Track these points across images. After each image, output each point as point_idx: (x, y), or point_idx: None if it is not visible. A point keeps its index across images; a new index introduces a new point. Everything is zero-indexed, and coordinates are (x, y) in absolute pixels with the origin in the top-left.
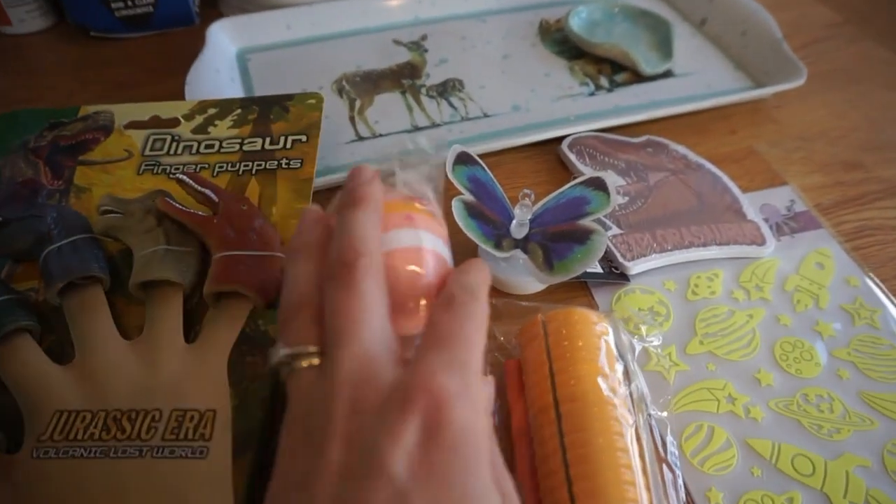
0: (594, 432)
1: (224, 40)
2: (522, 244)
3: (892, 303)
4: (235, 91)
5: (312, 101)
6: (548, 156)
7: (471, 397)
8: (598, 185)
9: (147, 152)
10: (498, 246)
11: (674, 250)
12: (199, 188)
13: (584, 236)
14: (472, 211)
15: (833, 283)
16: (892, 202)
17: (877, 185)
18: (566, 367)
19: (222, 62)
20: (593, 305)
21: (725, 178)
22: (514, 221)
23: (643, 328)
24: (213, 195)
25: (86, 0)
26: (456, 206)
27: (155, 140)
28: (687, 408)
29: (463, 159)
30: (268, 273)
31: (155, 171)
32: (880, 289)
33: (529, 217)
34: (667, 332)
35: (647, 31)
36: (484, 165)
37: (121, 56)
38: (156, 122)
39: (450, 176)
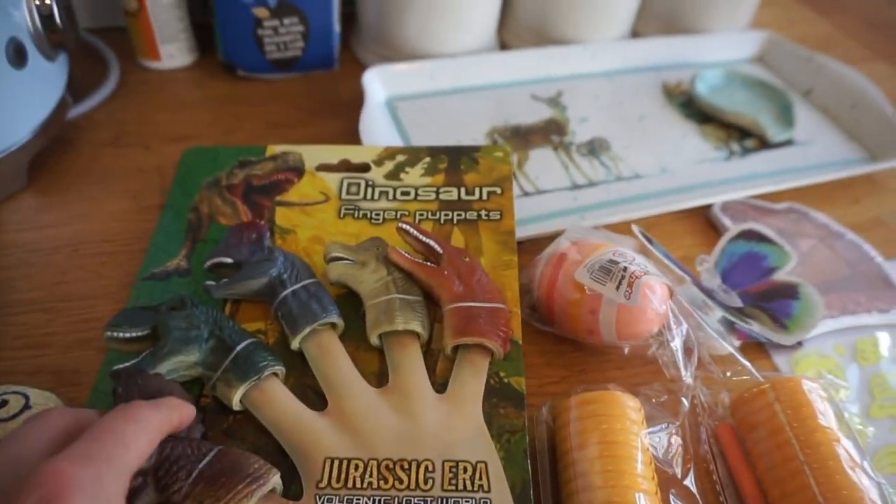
0: (851, 497)
1: (376, 88)
2: (741, 311)
3: None
4: (395, 138)
5: (500, 154)
6: (696, 218)
7: (98, 492)
8: (757, 236)
9: (344, 196)
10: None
11: (840, 316)
12: (424, 239)
13: (791, 291)
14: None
15: None
16: None
17: None
18: (808, 440)
19: (377, 108)
20: (775, 368)
21: (866, 246)
22: (714, 288)
23: (843, 394)
24: (437, 247)
25: (242, 41)
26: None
27: (349, 184)
28: (883, 470)
29: (645, 237)
30: (499, 324)
31: (356, 216)
32: None
33: (720, 282)
34: (848, 396)
35: (766, 99)
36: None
37: (267, 96)
38: (346, 166)
39: (657, 256)
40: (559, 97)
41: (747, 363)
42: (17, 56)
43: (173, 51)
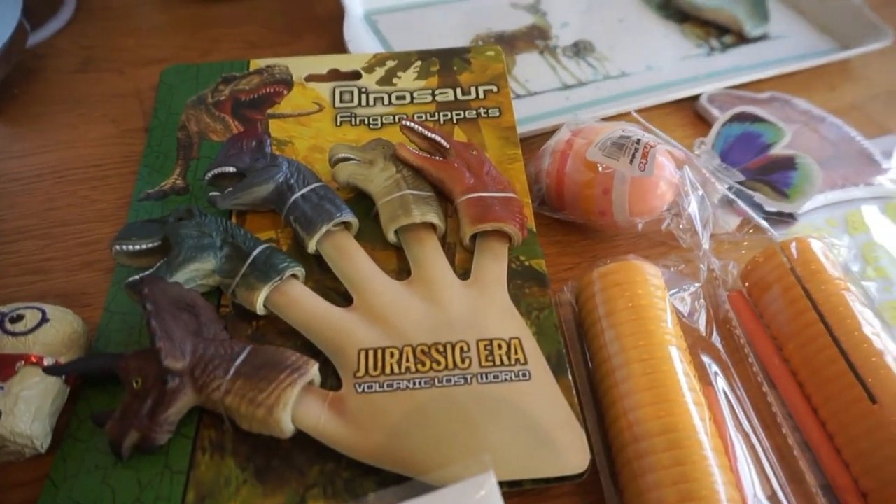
0: (870, 341)
1: (355, 2)
2: (743, 185)
3: None
4: (379, 50)
5: (491, 53)
6: (685, 112)
7: None
8: (751, 117)
9: (338, 104)
10: None
11: (829, 191)
12: (430, 135)
13: (788, 163)
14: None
15: None
16: None
17: None
18: (819, 287)
19: (358, 22)
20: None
21: (847, 128)
22: (714, 167)
23: (845, 253)
24: (443, 141)
25: None
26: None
27: (342, 92)
28: None
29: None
30: (515, 211)
31: (353, 123)
32: None
33: (718, 162)
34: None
35: None
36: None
37: (240, 16)
38: (335, 76)
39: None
40: (538, 4)
41: (765, 223)
42: None
43: None
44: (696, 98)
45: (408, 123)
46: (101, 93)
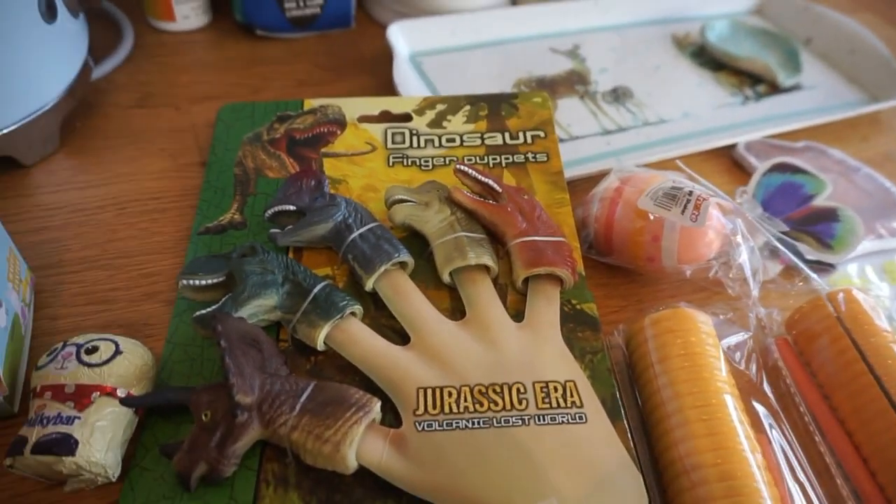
0: None
1: (400, 44)
2: (787, 235)
3: None
4: (424, 92)
5: (538, 99)
6: (721, 160)
7: None
8: (791, 168)
9: (390, 145)
10: None
11: (867, 240)
12: (483, 179)
13: (831, 215)
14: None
15: None
16: None
17: None
18: (868, 342)
19: (404, 63)
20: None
21: (882, 178)
22: (758, 217)
23: (889, 304)
24: (496, 186)
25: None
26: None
27: (394, 134)
28: None
29: None
30: (565, 255)
31: (405, 164)
32: None
33: (760, 211)
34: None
35: (772, 47)
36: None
37: (288, 55)
38: (387, 117)
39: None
40: (577, 49)
41: (812, 273)
42: (49, 9)
43: (188, 11)
44: (732, 146)
45: (461, 168)
46: (159, 127)
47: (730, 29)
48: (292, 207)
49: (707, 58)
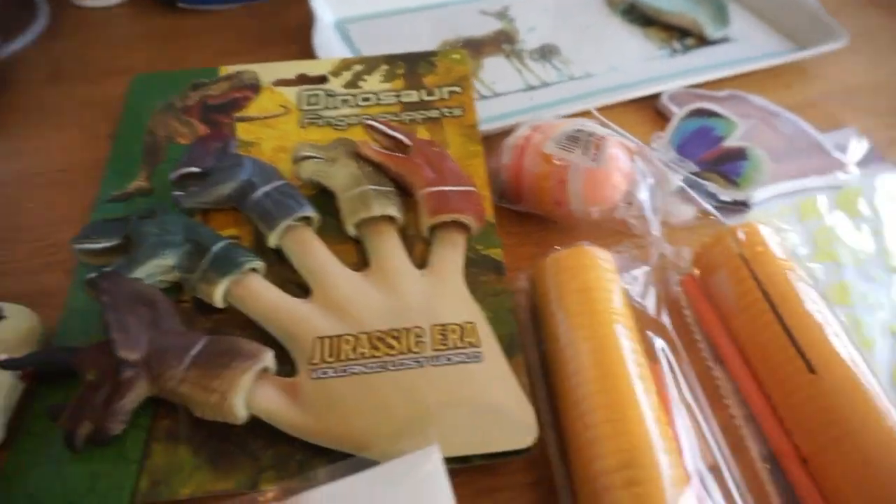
0: (810, 315)
1: (325, 10)
2: (697, 175)
3: None
4: (348, 56)
5: (456, 56)
6: (647, 110)
7: None
8: (707, 113)
9: (304, 107)
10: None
11: (782, 181)
12: (392, 132)
13: (740, 154)
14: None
15: None
16: None
17: None
18: (763, 268)
19: (329, 31)
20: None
21: (802, 123)
22: (671, 159)
23: (794, 238)
24: (405, 139)
25: None
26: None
27: (309, 96)
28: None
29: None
30: (473, 203)
31: (319, 124)
32: None
33: (675, 154)
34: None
35: (701, 2)
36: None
37: (211, 27)
38: (303, 80)
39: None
40: (506, 11)
41: (711, 209)
42: None
43: None
44: (657, 97)
45: (370, 122)
46: (71, 102)
47: None
48: (197, 169)
49: (637, 14)
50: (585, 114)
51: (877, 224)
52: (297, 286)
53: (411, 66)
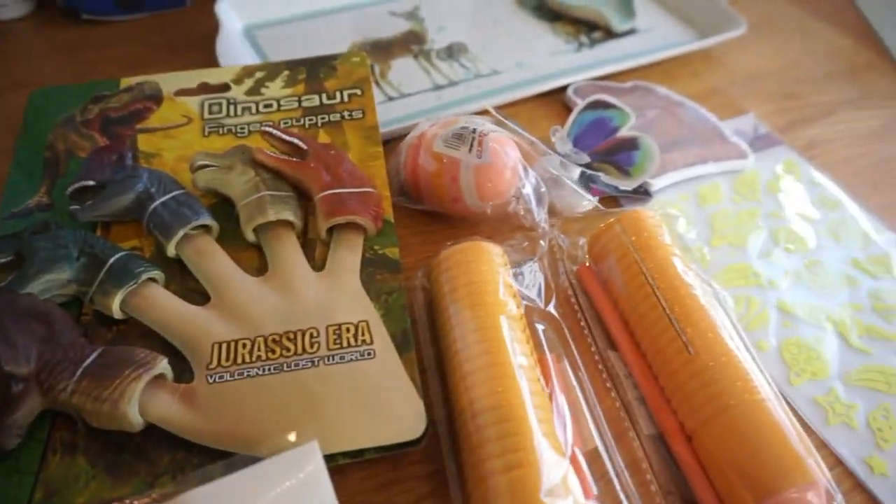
0: (688, 298)
1: (232, 18)
2: (589, 166)
3: (847, 194)
4: (256, 62)
5: (356, 59)
6: (555, 104)
7: None
8: (604, 104)
9: (206, 116)
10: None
11: (682, 168)
12: (288, 138)
13: (632, 143)
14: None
15: (802, 184)
16: (828, 120)
17: (813, 109)
18: (648, 254)
19: (235, 37)
20: None
21: (703, 111)
22: (566, 152)
23: (682, 224)
24: (301, 144)
25: None
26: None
27: (211, 104)
28: (725, 285)
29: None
30: (370, 205)
31: (221, 132)
32: (836, 184)
33: (571, 146)
34: (692, 233)
35: None
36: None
37: (118, 37)
38: (205, 89)
39: (513, 128)
40: (416, 11)
41: (591, 199)
42: None
43: (5, 0)
44: (564, 90)
45: (266, 129)
46: None
47: None
48: (92, 183)
49: (546, 10)
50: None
51: (772, 206)
52: (199, 294)
53: (312, 70)
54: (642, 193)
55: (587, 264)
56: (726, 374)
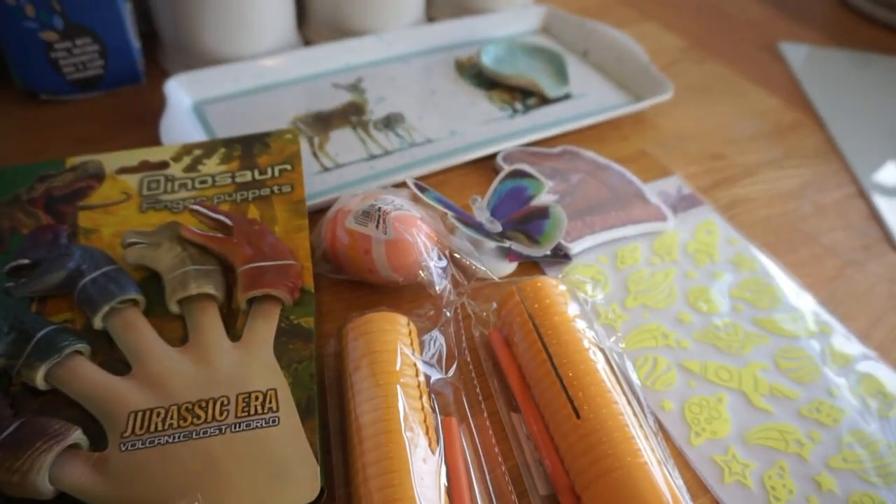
0: (581, 364)
1: (181, 95)
2: (503, 235)
3: (762, 253)
4: (201, 138)
5: (289, 135)
6: (485, 171)
7: None
8: (521, 174)
9: (145, 192)
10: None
11: (601, 231)
12: (214, 215)
13: (543, 212)
14: (461, 221)
15: (720, 244)
16: (749, 180)
17: (737, 169)
18: (545, 320)
19: (183, 114)
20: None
21: (628, 174)
22: (483, 221)
23: (588, 289)
24: (226, 220)
25: (38, 66)
26: (455, 221)
27: (150, 182)
28: (635, 346)
29: (420, 187)
30: (289, 277)
31: (158, 208)
32: (752, 244)
33: (488, 215)
34: (608, 294)
35: (545, 62)
36: (431, 188)
37: (74, 116)
38: (146, 166)
39: (427, 201)
40: (359, 83)
41: (483, 269)
42: None
43: None
44: (494, 157)
45: (194, 207)
46: None
47: (506, 50)
48: (27, 261)
49: (484, 78)
50: (430, 179)
51: (688, 266)
52: (124, 364)
53: (247, 147)
54: (562, 257)
55: (496, 328)
56: (612, 438)
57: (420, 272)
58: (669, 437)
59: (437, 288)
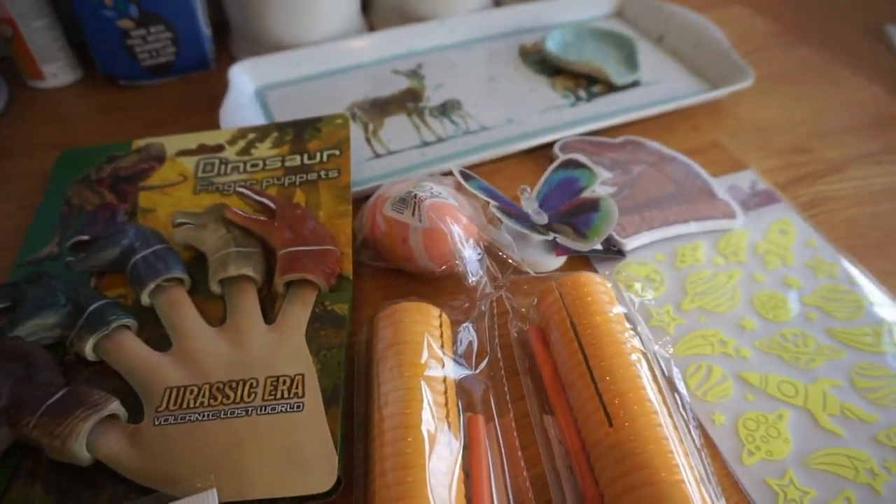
0: (619, 368)
1: (244, 80)
2: (548, 227)
3: (845, 258)
4: (260, 122)
5: (339, 121)
6: (541, 160)
7: None
8: (575, 164)
9: (200, 174)
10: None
11: (660, 227)
12: (258, 198)
13: (593, 205)
14: (505, 211)
15: (795, 246)
16: (837, 177)
17: (823, 164)
18: (583, 319)
19: (246, 98)
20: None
21: (696, 166)
22: (530, 212)
23: (638, 288)
24: (270, 203)
25: (116, 53)
26: (496, 210)
27: (205, 164)
28: (687, 352)
29: (466, 175)
30: (326, 262)
31: (210, 190)
32: (834, 247)
33: (536, 206)
34: (663, 295)
35: (614, 48)
36: (478, 177)
37: (148, 100)
38: (203, 149)
39: (470, 189)
40: (419, 69)
41: (518, 260)
42: None
43: (55, 69)
44: (551, 145)
45: (240, 190)
46: (11, 175)
47: (573, 35)
48: (86, 237)
49: (548, 64)
50: (481, 168)
51: (756, 268)
52: (167, 340)
53: (298, 132)
54: (615, 253)
55: (535, 325)
56: (647, 450)
57: (457, 262)
58: (718, 452)
59: (472, 279)
